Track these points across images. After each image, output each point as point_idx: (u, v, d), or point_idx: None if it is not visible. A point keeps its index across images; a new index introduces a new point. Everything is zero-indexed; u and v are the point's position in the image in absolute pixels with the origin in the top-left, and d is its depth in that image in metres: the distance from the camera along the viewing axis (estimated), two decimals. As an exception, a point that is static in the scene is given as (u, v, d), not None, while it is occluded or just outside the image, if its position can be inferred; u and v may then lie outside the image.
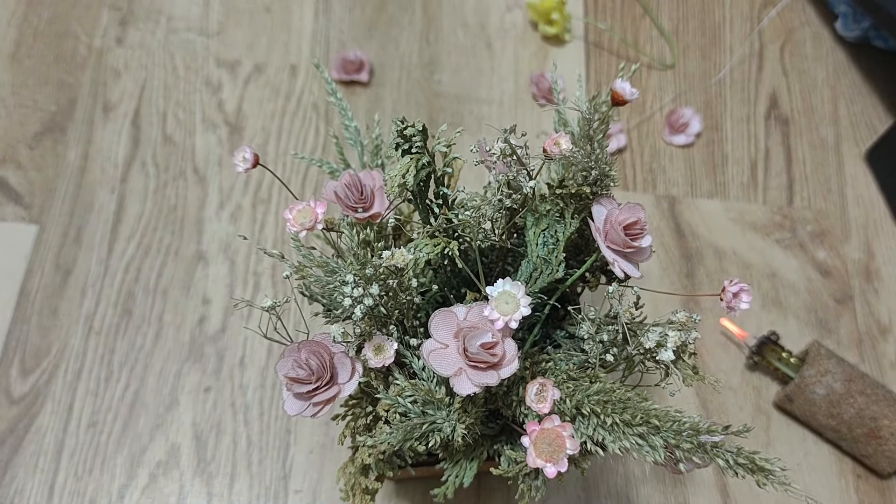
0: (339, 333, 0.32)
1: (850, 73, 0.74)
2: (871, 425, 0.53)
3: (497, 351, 0.30)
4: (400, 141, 0.32)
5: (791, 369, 0.56)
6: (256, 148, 0.64)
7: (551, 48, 0.72)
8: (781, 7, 0.76)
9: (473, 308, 0.31)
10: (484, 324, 0.31)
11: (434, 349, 0.31)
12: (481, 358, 0.30)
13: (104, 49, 0.67)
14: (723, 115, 0.71)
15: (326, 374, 0.32)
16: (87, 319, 0.56)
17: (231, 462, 0.53)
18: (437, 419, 0.33)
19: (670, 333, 0.32)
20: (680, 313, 0.33)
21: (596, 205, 0.34)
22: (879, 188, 0.68)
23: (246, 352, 0.56)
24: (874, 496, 0.55)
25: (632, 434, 0.31)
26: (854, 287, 0.63)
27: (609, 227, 0.33)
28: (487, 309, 0.30)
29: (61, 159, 0.62)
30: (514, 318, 0.30)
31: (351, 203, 0.33)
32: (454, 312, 0.31)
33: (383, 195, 0.34)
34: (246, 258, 0.60)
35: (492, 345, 0.30)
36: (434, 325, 0.31)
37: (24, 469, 0.51)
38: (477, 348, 0.30)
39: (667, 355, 0.32)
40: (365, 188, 0.34)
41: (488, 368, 0.30)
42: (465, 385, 0.30)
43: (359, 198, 0.34)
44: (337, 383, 0.33)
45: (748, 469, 0.29)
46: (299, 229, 0.33)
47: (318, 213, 0.34)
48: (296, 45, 0.69)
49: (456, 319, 0.31)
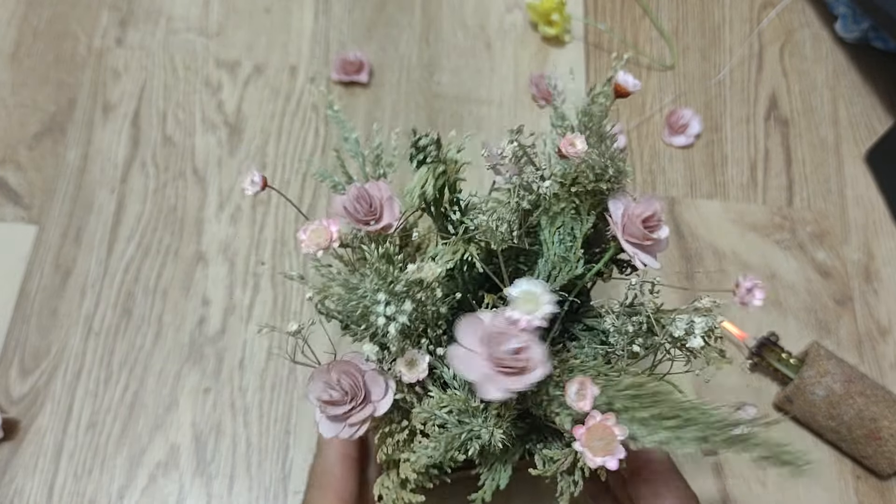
0: (374, 353, 0.32)
1: (850, 74, 0.74)
2: (871, 426, 0.53)
3: (524, 356, 0.30)
4: (413, 152, 0.32)
5: (790, 370, 0.56)
6: (256, 149, 0.64)
7: (551, 49, 0.72)
8: (781, 8, 0.76)
9: (499, 313, 0.31)
10: (510, 328, 0.30)
11: (461, 356, 0.31)
12: (509, 363, 0.30)
13: (104, 49, 0.67)
14: (722, 115, 0.71)
15: (360, 394, 0.32)
16: (86, 320, 0.56)
17: (231, 463, 0.53)
18: (473, 427, 0.33)
19: (697, 320, 0.32)
20: (704, 299, 0.33)
21: (613, 201, 0.34)
22: (879, 189, 0.68)
23: (246, 353, 0.56)
24: (874, 497, 0.55)
25: (665, 427, 0.31)
26: (854, 288, 0.63)
27: (627, 221, 0.33)
28: (509, 310, 0.30)
29: (61, 160, 0.62)
30: (537, 317, 0.30)
31: (361, 216, 0.33)
32: (480, 318, 0.31)
33: (392, 205, 0.34)
34: (245, 259, 0.59)
35: (519, 350, 0.30)
36: (461, 332, 0.31)
37: (23, 470, 0.51)
38: (504, 354, 0.30)
39: (696, 342, 0.32)
40: (373, 200, 0.33)
41: (517, 374, 0.30)
42: (493, 391, 0.30)
43: (368, 210, 0.33)
44: (371, 401, 0.33)
45: (775, 463, 0.29)
46: (315, 249, 0.33)
47: (333, 232, 0.33)
48: (295, 45, 0.69)
49: (482, 325, 0.31)
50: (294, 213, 0.62)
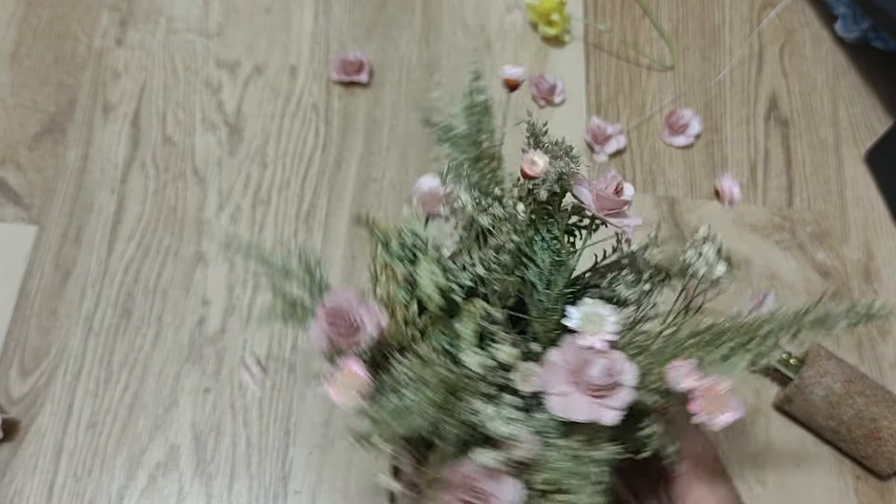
0: (494, 458, 0.31)
1: (850, 75, 0.74)
2: (871, 426, 0.53)
3: (614, 370, 0.30)
4: (405, 254, 0.32)
5: (790, 370, 0.56)
6: (256, 149, 0.64)
7: (551, 49, 0.72)
8: (781, 8, 0.76)
9: (566, 347, 0.31)
10: (587, 354, 0.31)
11: (560, 402, 0.31)
12: (603, 383, 0.30)
13: (104, 50, 0.67)
14: (722, 116, 0.71)
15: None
16: (86, 320, 0.56)
17: (230, 463, 0.53)
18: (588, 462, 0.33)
19: (707, 250, 0.33)
20: (700, 229, 0.34)
21: (576, 189, 0.34)
22: (879, 189, 0.68)
23: (245, 353, 0.56)
24: (874, 497, 0.55)
25: (742, 353, 0.31)
26: (853, 288, 0.63)
27: (598, 199, 0.34)
28: (579, 339, 0.30)
29: (61, 160, 0.62)
30: (608, 332, 0.30)
31: (345, 333, 0.31)
32: (553, 361, 0.31)
33: (367, 306, 0.32)
34: (246, 259, 0.59)
35: (609, 368, 0.30)
36: (546, 383, 0.31)
37: (23, 470, 0.51)
38: (597, 379, 0.30)
39: (720, 269, 0.33)
40: (345, 313, 0.31)
41: (613, 390, 0.31)
42: (609, 416, 0.30)
43: (348, 325, 0.31)
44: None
45: (866, 321, 0.31)
46: (357, 400, 0.31)
47: (362, 373, 0.31)
48: (295, 46, 0.69)
49: (561, 368, 0.31)
50: (294, 212, 0.62)
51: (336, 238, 0.61)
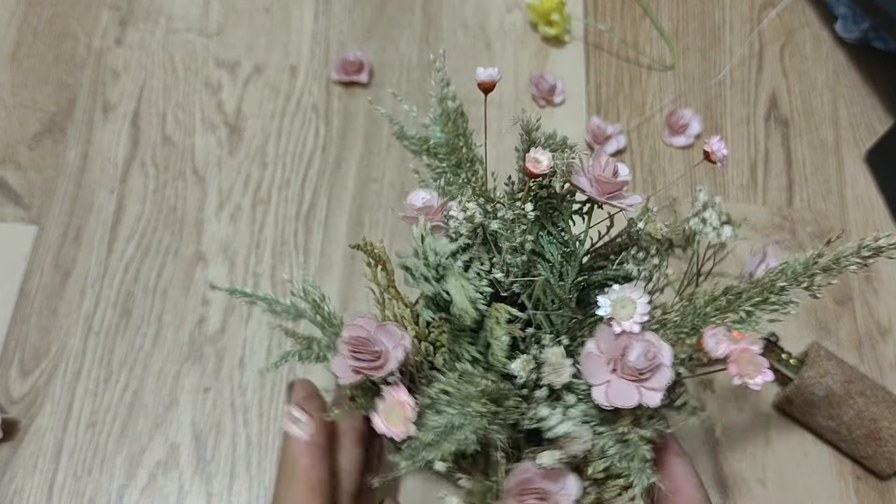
0: (554, 458, 0.31)
1: (850, 75, 0.74)
2: (871, 427, 0.53)
3: (654, 351, 0.31)
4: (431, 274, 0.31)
5: (790, 370, 0.56)
6: (256, 149, 0.64)
7: (551, 49, 0.72)
8: (781, 8, 0.76)
9: (600, 335, 0.31)
10: (622, 341, 0.31)
11: (605, 392, 0.31)
12: (645, 366, 0.30)
13: (104, 49, 0.67)
14: (722, 116, 0.71)
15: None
16: (86, 320, 0.56)
17: (230, 462, 0.53)
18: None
19: (709, 215, 0.33)
20: (700, 193, 0.34)
21: (574, 177, 0.35)
22: (879, 189, 0.68)
23: (245, 352, 0.56)
24: (874, 497, 0.55)
25: (762, 310, 0.32)
26: (853, 288, 0.63)
27: (597, 184, 0.34)
28: (614, 325, 0.30)
29: (61, 160, 0.62)
30: (640, 314, 0.30)
31: (370, 364, 0.30)
32: (591, 351, 0.31)
33: (387, 330, 0.31)
34: (245, 259, 0.60)
35: (646, 351, 0.30)
36: (590, 375, 0.31)
37: (23, 469, 0.51)
38: (637, 362, 0.30)
39: (727, 232, 0.33)
40: (369, 343, 0.30)
41: (655, 371, 0.31)
42: (654, 399, 0.31)
43: (373, 354, 0.30)
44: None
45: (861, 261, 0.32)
46: (407, 429, 0.30)
47: (408, 401, 0.30)
48: (295, 45, 0.69)
49: (598, 358, 0.31)
50: (294, 212, 0.62)
51: (336, 238, 0.61)
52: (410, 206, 0.36)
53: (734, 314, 0.33)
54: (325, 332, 0.36)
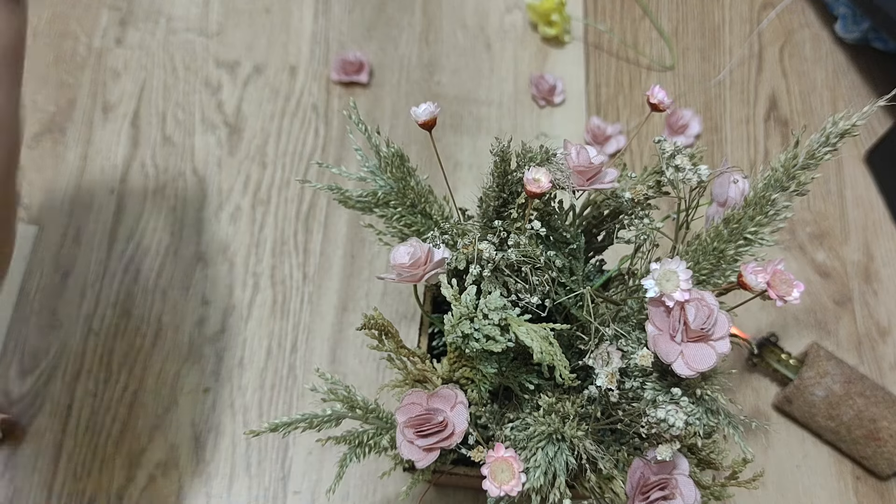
0: (670, 452, 0.31)
1: (850, 75, 0.74)
2: (871, 427, 0.53)
3: (702, 308, 0.31)
4: (496, 332, 0.31)
5: (790, 371, 0.56)
6: (256, 149, 0.64)
7: (551, 49, 0.72)
8: (781, 9, 0.76)
9: (652, 315, 0.32)
10: (675, 311, 0.31)
11: (685, 364, 0.31)
12: (704, 325, 0.31)
13: (104, 49, 0.67)
14: (722, 116, 0.71)
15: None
16: (86, 320, 0.56)
17: (230, 463, 0.53)
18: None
19: (681, 161, 0.36)
20: (663, 143, 0.37)
21: (555, 175, 0.35)
22: (879, 189, 0.68)
23: (245, 353, 0.56)
24: (873, 497, 0.55)
25: (762, 225, 0.34)
26: (853, 289, 0.63)
27: (579, 173, 0.34)
28: (666, 300, 0.31)
29: (61, 160, 0.62)
30: (685, 283, 0.31)
31: (433, 430, 0.30)
32: (651, 333, 0.32)
33: (441, 396, 0.31)
34: (245, 259, 0.60)
35: (699, 310, 0.31)
36: (661, 353, 0.31)
37: (22, 469, 0.51)
38: (701, 323, 0.31)
39: (703, 170, 0.35)
40: (435, 414, 0.30)
41: (713, 327, 0.31)
42: (724, 346, 0.31)
43: (438, 425, 0.30)
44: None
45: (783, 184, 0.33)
46: (518, 482, 0.30)
47: (510, 455, 0.30)
48: (295, 46, 0.69)
49: (659, 334, 0.32)
50: (294, 212, 0.62)
51: (336, 238, 0.61)
52: (399, 265, 0.35)
53: (742, 240, 0.35)
54: (369, 420, 0.36)
